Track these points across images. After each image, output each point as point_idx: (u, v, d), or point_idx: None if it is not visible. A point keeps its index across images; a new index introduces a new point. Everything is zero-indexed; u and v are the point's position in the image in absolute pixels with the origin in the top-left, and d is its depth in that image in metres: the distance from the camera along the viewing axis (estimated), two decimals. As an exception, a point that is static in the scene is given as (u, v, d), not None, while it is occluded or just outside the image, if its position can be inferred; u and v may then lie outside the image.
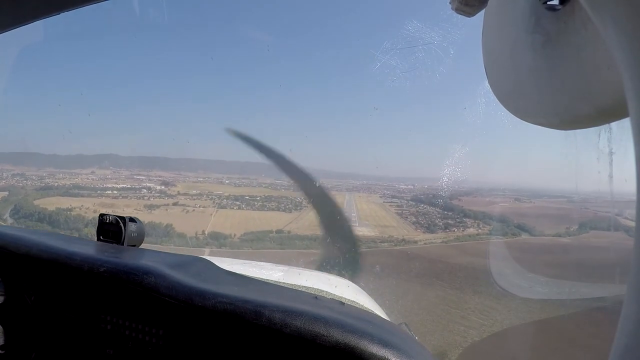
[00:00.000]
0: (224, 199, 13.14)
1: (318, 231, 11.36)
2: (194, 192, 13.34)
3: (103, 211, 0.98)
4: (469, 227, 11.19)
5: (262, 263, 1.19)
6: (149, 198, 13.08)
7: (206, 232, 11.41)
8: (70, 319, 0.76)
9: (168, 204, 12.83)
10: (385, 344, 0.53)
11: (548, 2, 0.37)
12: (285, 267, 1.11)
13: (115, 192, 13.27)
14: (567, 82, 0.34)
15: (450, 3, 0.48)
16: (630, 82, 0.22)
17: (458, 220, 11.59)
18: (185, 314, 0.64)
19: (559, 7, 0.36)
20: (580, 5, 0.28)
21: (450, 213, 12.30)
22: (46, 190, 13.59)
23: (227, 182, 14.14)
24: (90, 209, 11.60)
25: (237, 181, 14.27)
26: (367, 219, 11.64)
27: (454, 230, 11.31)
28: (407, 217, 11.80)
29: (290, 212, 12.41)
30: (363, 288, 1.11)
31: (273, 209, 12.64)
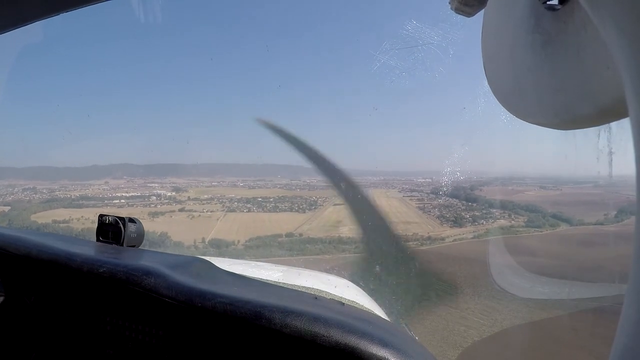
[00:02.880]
0: (235, 202, 12.57)
1: (333, 232, 10.66)
2: (205, 196, 12.81)
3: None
4: (499, 219, 10.38)
5: (261, 263, 1.21)
6: (156, 205, 12.63)
7: (207, 240, 10.70)
8: (70, 319, 0.78)
9: (174, 210, 12.30)
10: (385, 344, 0.54)
11: (548, 2, 0.36)
12: (285, 268, 1.11)
13: (122, 200, 12.92)
14: (567, 82, 0.34)
15: (449, 3, 0.48)
16: (630, 82, 0.22)
17: (485, 211, 10.81)
18: (185, 315, 0.66)
19: (559, 7, 0.36)
20: (580, 5, 0.28)
21: (474, 204, 11.53)
22: (50, 202, 13.31)
23: (241, 184, 13.62)
24: (89, 219, 10.93)
25: (252, 183, 13.65)
26: (387, 215, 10.92)
27: (483, 223, 10.50)
28: (430, 211, 11.07)
29: (304, 213, 11.77)
30: (363, 288, 1.08)
31: (285, 210, 11.98)
